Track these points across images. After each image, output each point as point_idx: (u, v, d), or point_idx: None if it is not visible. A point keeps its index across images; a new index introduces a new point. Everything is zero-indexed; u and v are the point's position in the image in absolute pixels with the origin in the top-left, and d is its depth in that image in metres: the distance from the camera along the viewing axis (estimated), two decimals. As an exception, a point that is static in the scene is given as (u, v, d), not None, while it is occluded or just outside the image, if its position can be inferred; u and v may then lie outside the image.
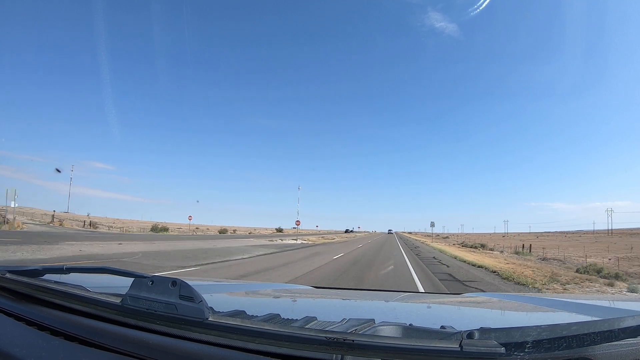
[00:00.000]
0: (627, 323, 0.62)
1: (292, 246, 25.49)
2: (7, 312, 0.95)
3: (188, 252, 15.20)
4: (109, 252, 13.00)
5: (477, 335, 0.63)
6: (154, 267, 10.02)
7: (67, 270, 1.12)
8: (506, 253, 26.43)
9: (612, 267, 14.82)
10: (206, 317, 0.74)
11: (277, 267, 11.61)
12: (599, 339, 0.62)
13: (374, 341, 0.64)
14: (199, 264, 11.29)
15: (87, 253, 12.16)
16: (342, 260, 15.14)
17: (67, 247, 13.71)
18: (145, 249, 15.35)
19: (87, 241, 17.43)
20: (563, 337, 0.61)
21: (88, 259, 10.76)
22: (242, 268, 10.90)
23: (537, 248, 31.21)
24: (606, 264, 16.75)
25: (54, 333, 0.84)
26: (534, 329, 0.63)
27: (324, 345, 0.65)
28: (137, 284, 0.84)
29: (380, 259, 16.23)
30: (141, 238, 25.32)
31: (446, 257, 18.94)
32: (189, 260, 12.31)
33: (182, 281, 0.80)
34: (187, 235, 39.08)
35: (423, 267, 13.30)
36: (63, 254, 11.37)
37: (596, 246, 40.56)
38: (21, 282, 1.01)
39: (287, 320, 0.81)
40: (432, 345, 0.63)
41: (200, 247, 18.70)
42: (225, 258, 13.70)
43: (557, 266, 16.29)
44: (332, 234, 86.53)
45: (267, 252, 18.17)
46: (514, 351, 0.61)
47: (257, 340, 0.71)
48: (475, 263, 14.99)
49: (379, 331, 0.70)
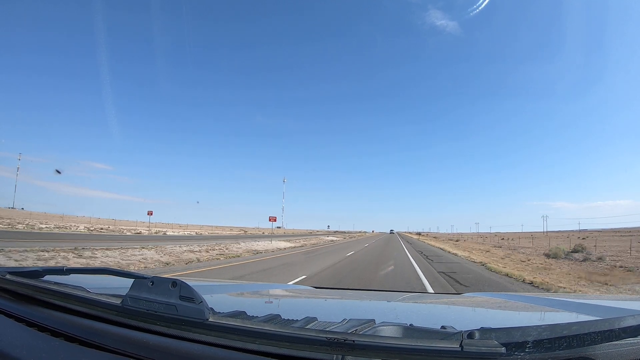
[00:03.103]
0: (628, 322, 0.62)
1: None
2: (8, 313, 0.95)
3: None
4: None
5: (478, 335, 0.63)
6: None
7: (67, 271, 1.12)
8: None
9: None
10: (206, 318, 0.74)
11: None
12: (599, 339, 0.62)
13: (374, 341, 0.64)
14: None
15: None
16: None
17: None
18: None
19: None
20: (563, 337, 0.61)
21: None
22: None
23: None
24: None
25: (54, 334, 0.84)
26: (535, 328, 0.63)
27: (324, 346, 0.65)
28: (138, 284, 0.84)
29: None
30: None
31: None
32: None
33: (183, 282, 0.80)
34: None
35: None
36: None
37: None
38: (21, 283, 1.01)
39: (288, 321, 0.81)
40: (432, 345, 0.63)
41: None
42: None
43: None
44: (319, 234, 73.64)
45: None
46: (514, 351, 0.61)
47: (257, 340, 0.71)
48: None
49: (380, 331, 0.70)
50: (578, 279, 10.32)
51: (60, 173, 50.94)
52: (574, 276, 10.92)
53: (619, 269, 13.47)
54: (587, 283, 9.48)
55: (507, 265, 14.36)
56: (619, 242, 35.40)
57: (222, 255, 15.40)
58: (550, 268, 13.56)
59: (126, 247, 14.51)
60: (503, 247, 34.49)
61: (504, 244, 40.91)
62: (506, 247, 34.66)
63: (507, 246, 35.91)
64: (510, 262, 15.92)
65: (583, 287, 8.85)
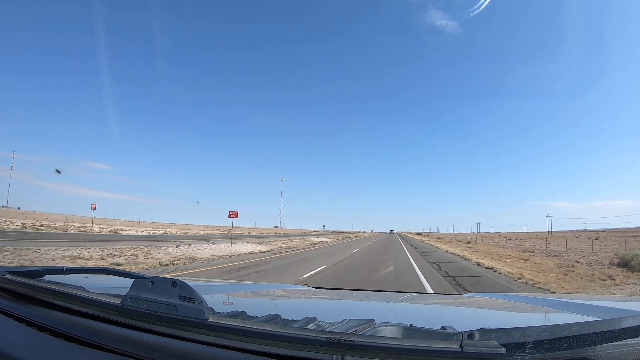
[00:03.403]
0: (628, 323, 0.62)
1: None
2: (8, 313, 0.95)
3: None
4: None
5: (478, 335, 0.63)
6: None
7: (67, 271, 1.12)
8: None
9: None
10: (206, 318, 0.74)
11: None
12: (599, 339, 0.62)
13: (374, 342, 0.63)
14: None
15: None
16: None
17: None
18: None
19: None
20: (564, 338, 0.61)
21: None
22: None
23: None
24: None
25: (54, 334, 0.84)
26: (535, 329, 0.62)
27: (324, 346, 0.65)
28: (137, 284, 0.84)
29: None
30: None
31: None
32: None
33: (182, 282, 0.80)
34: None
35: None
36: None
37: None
38: (21, 283, 1.01)
39: (288, 321, 0.81)
40: (432, 345, 0.63)
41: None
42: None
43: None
44: (311, 235, 68.94)
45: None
46: (514, 352, 0.60)
47: (257, 341, 0.71)
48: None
49: (380, 332, 0.70)
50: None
51: (60, 173, 51.13)
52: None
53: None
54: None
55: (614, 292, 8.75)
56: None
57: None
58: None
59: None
60: (535, 251, 25.31)
61: (527, 246, 33.55)
62: (540, 251, 25.75)
63: (542, 250, 26.56)
64: (598, 283, 10.10)
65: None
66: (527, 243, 39.97)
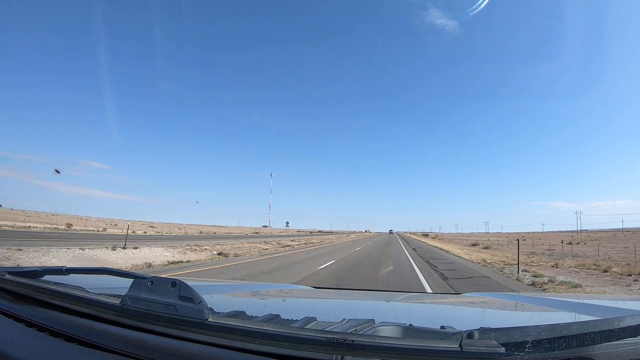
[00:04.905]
0: (627, 322, 0.62)
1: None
2: (7, 313, 0.95)
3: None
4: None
5: (477, 335, 0.63)
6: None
7: (67, 271, 1.12)
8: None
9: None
10: (206, 318, 0.74)
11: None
12: (598, 339, 0.62)
13: (374, 341, 0.63)
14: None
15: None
16: None
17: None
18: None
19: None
20: (563, 337, 0.61)
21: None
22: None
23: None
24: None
25: (53, 334, 0.84)
26: (534, 328, 0.62)
27: (324, 346, 0.65)
28: (137, 284, 0.84)
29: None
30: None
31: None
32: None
33: (182, 282, 0.80)
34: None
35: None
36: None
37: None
38: (21, 283, 1.01)
39: (287, 321, 0.81)
40: (432, 345, 0.63)
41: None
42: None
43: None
44: (293, 236, 52.47)
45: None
46: (514, 351, 0.61)
47: (257, 340, 0.70)
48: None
49: (379, 331, 0.70)
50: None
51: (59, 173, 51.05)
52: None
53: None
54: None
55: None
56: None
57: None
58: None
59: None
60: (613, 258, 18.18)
61: (568, 251, 25.67)
62: (616, 260, 16.92)
63: (614, 259, 17.43)
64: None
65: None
66: (561, 247, 29.80)
